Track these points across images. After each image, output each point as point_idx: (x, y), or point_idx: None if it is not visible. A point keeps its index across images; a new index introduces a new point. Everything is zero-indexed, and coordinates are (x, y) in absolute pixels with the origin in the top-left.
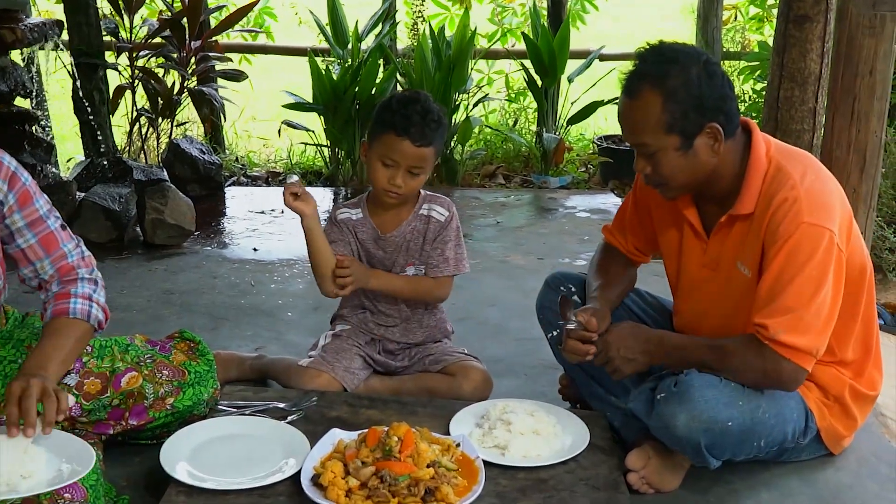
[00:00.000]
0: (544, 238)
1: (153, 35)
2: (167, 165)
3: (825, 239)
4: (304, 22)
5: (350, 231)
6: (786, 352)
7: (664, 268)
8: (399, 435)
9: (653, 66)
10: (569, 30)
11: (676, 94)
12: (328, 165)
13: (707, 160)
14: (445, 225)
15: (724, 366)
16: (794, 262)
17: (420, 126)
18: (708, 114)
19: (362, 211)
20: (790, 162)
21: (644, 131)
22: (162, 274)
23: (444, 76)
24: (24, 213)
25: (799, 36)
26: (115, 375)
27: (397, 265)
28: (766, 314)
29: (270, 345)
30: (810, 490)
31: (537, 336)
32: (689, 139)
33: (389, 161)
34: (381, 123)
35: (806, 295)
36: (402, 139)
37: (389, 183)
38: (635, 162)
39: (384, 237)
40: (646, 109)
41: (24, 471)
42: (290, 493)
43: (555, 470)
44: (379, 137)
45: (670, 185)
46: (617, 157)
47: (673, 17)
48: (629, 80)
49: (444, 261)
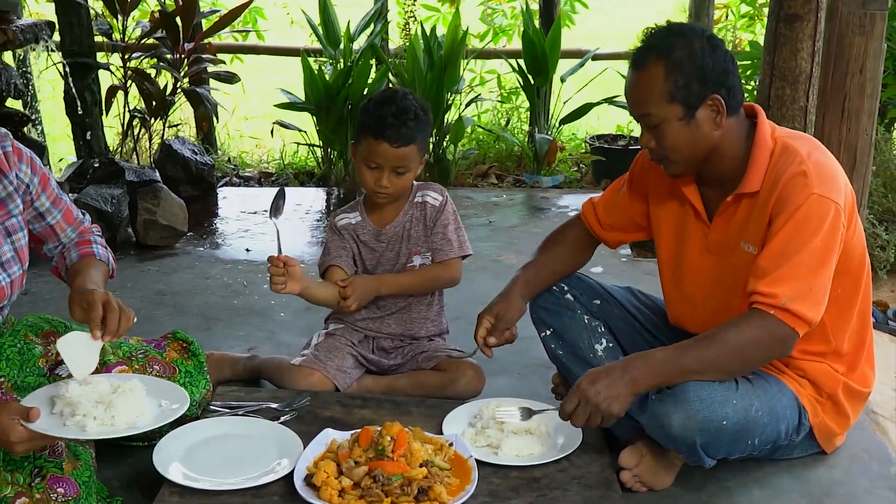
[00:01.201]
0: (537, 237)
1: (147, 35)
2: (159, 166)
3: (832, 211)
4: (295, 22)
5: (351, 235)
6: (790, 319)
7: (657, 256)
8: (392, 434)
9: (659, 39)
10: (560, 29)
11: (680, 65)
12: (321, 165)
13: (709, 133)
14: (441, 209)
15: (722, 351)
16: (803, 232)
17: (396, 127)
18: (710, 85)
19: (360, 213)
20: (796, 141)
21: (648, 101)
22: (154, 275)
23: (437, 76)
24: (47, 193)
25: (790, 35)
26: (106, 367)
27: (402, 255)
28: (771, 282)
29: (263, 345)
30: (802, 487)
31: (530, 335)
32: (691, 109)
33: (373, 164)
34: (361, 126)
35: (813, 265)
36: (380, 142)
37: (377, 184)
38: (640, 136)
39: (384, 230)
40: (650, 80)
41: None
42: (284, 493)
43: (547, 469)
44: (361, 140)
45: (673, 158)
46: (609, 156)
47: (665, 15)
48: (636, 53)
49: (448, 243)
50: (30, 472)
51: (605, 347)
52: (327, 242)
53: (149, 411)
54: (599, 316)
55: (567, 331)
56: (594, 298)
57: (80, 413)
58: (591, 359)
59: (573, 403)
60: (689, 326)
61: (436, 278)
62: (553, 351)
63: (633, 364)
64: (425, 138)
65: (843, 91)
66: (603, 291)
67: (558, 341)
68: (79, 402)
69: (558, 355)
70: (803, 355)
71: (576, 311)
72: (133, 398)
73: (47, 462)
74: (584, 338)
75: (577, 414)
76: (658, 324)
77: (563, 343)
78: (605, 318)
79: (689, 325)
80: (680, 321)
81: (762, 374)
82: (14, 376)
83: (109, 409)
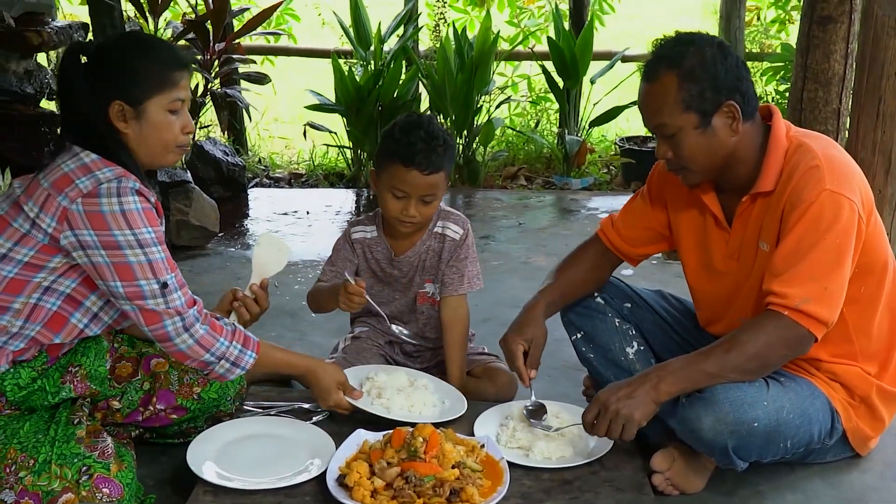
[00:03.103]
0: (566, 239)
1: (177, 37)
2: (191, 167)
3: (846, 207)
4: (326, 23)
5: (363, 250)
6: (805, 320)
7: (683, 266)
8: (424, 436)
9: (669, 49)
10: (592, 32)
11: (693, 73)
12: (350, 167)
13: (726, 139)
14: (460, 243)
15: (740, 355)
16: (815, 230)
17: (426, 153)
18: (724, 92)
19: (377, 229)
20: (812, 140)
21: (662, 112)
22: (186, 275)
23: (467, 78)
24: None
25: (822, 37)
26: (145, 358)
27: (414, 283)
28: (784, 282)
29: (294, 345)
30: (835, 492)
31: (561, 337)
32: (706, 117)
33: (400, 192)
34: (387, 153)
35: (828, 264)
36: (410, 169)
37: (403, 214)
38: (657, 148)
39: (398, 259)
40: (664, 90)
41: (427, 403)
42: (316, 493)
43: (579, 471)
44: (386, 168)
45: (691, 168)
46: (639, 159)
47: (692, 16)
48: (647, 66)
49: (459, 279)
50: (78, 469)
51: (636, 350)
52: (336, 250)
53: (434, 406)
54: (630, 319)
55: (598, 334)
56: (625, 302)
57: (385, 396)
58: (621, 362)
59: (594, 413)
60: (720, 329)
61: (462, 333)
62: (584, 354)
63: (653, 373)
64: (451, 166)
65: (878, 94)
66: (634, 295)
67: (589, 344)
68: (384, 388)
69: (589, 358)
70: (833, 358)
71: (607, 315)
72: (426, 393)
73: (96, 462)
74: (615, 341)
75: (599, 423)
76: (689, 327)
77: (594, 346)
78: (635, 322)
79: (719, 329)
80: (710, 325)
81: (793, 377)
82: (89, 365)
83: (409, 398)
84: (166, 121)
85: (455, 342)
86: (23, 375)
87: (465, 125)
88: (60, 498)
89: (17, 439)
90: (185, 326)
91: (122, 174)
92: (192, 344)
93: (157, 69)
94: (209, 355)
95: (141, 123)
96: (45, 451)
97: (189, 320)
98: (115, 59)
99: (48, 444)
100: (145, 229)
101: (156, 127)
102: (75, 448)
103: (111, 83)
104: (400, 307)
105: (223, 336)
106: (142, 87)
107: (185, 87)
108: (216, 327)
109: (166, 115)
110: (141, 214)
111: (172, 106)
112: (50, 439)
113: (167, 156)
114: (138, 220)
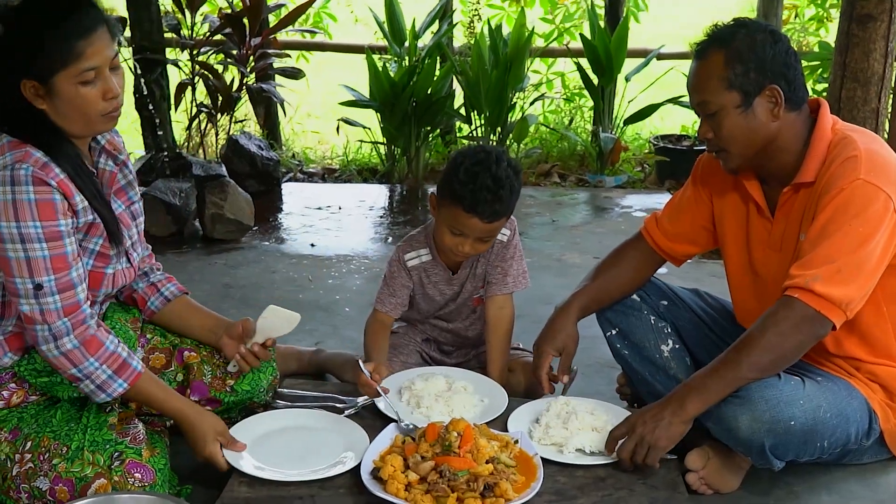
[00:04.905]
0: (600, 237)
1: (215, 32)
2: (225, 161)
3: (880, 199)
4: (359, 20)
5: (420, 276)
6: (814, 301)
7: (723, 257)
8: (458, 430)
9: (722, 30)
10: (627, 29)
11: (740, 53)
12: (384, 162)
13: (766, 124)
14: (507, 244)
15: (755, 352)
16: (842, 216)
17: (490, 203)
18: (769, 75)
19: (430, 251)
20: (857, 133)
21: (707, 88)
22: (221, 268)
23: (501, 74)
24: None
25: (862, 35)
26: (178, 349)
27: (466, 291)
28: (800, 264)
29: (328, 339)
30: (871, 494)
31: (595, 334)
32: (748, 98)
33: (457, 231)
34: (450, 193)
35: (848, 246)
36: (471, 216)
37: (457, 249)
38: (699, 128)
39: (457, 275)
40: (710, 68)
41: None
42: (350, 486)
43: (613, 468)
44: (447, 206)
45: (730, 149)
46: (673, 157)
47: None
48: (699, 45)
49: (504, 278)
50: (110, 454)
51: (672, 349)
52: (391, 276)
53: (474, 407)
54: (666, 317)
55: (633, 331)
56: (661, 299)
57: (424, 405)
58: (656, 359)
59: (621, 431)
60: None
61: (507, 334)
62: (619, 351)
63: (678, 392)
64: (513, 206)
65: None
66: (670, 293)
67: (624, 341)
68: (422, 396)
69: (624, 355)
70: (874, 359)
71: (642, 312)
72: (465, 395)
73: (128, 448)
74: (650, 338)
75: (625, 446)
76: (725, 326)
77: (628, 343)
78: (671, 320)
79: None
80: (749, 321)
81: (830, 377)
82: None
83: (447, 404)
84: (80, 94)
85: (498, 345)
86: (37, 360)
87: (499, 122)
88: (93, 483)
89: (50, 427)
90: (52, 335)
91: (21, 158)
92: (57, 355)
93: (58, 43)
94: (76, 371)
95: (55, 100)
96: (77, 438)
97: (57, 331)
98: (17, 34)
99: (80, 432)
100: (32, 223)
101: (71, 102)
102: (107, 434)
103: (16, 61)
104: (452, 313)
105: (95, 356)
106: (44, 63)
107: (95, 54)
108: (91, 344)
109: (78, 89)
110: (32, 206)
111: (83, 78)
112: (82, 427)
113: (96, 126)
114: (26, 213)
